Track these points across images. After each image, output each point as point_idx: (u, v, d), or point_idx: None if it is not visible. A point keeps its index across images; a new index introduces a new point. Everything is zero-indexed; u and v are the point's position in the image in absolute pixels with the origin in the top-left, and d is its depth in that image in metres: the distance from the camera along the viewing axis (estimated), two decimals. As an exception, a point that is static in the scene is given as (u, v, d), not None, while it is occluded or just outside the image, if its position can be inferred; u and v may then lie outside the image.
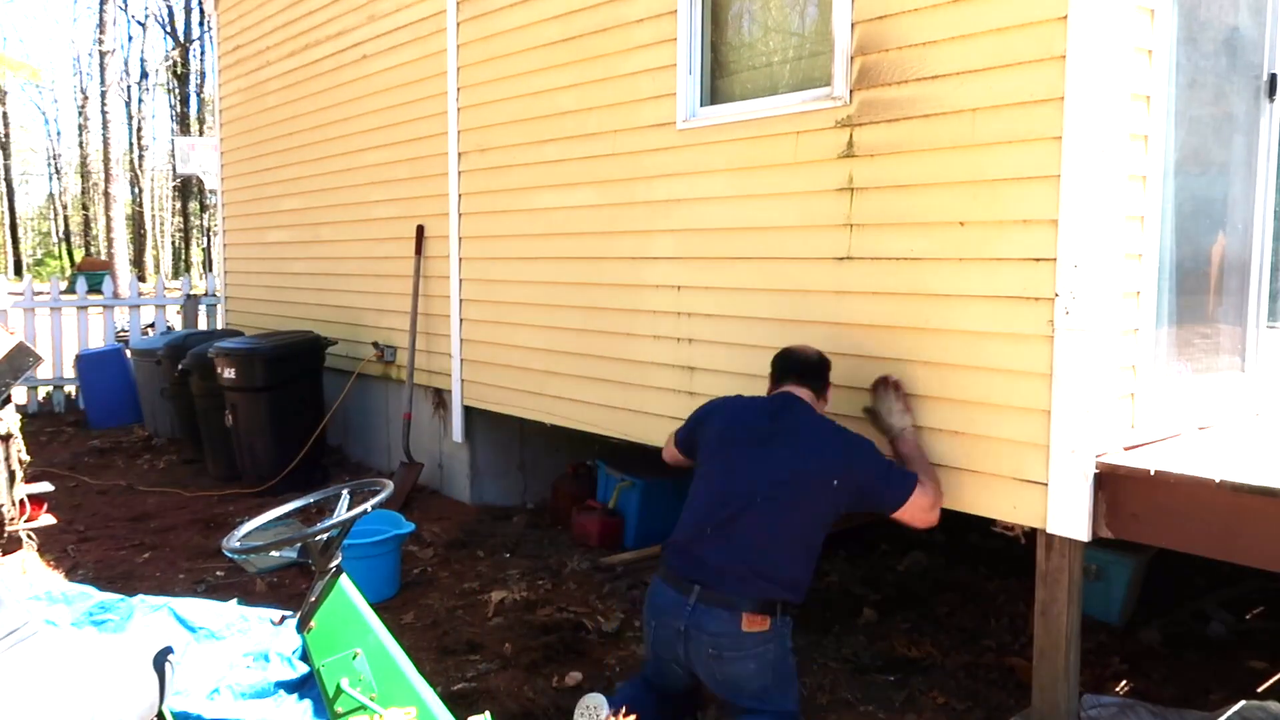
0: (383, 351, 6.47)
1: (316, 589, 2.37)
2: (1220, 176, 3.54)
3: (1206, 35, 3.38)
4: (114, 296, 10.07)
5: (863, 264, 3.54)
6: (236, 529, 2.43)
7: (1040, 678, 3.12)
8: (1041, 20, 2.96)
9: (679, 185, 4.24)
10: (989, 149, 3.13)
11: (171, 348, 7.17)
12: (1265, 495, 2.61)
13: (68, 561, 5.07)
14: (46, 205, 49.45)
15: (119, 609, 3.47)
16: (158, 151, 40.62)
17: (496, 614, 4.35)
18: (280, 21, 7.59)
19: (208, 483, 6.72)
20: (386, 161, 6.34)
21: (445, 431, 6.06)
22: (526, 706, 3.45)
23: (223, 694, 3.05)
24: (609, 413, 4.67)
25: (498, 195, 5.35)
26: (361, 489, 2.59)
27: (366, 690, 2.34)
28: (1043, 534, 3.08)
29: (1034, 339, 3.03)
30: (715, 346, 4.11)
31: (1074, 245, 2.91)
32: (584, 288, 4.79)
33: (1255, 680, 3.65)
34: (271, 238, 8.06)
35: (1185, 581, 4.39)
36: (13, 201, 40.95)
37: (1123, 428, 3.06)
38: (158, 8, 36.58)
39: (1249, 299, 3.64)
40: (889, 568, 4.85)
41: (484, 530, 5.49)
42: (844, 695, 3.57)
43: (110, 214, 19.80)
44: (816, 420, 3.14)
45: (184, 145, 18.80)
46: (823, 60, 3.68)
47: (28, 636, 2.43)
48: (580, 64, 4.72)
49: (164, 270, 38.28)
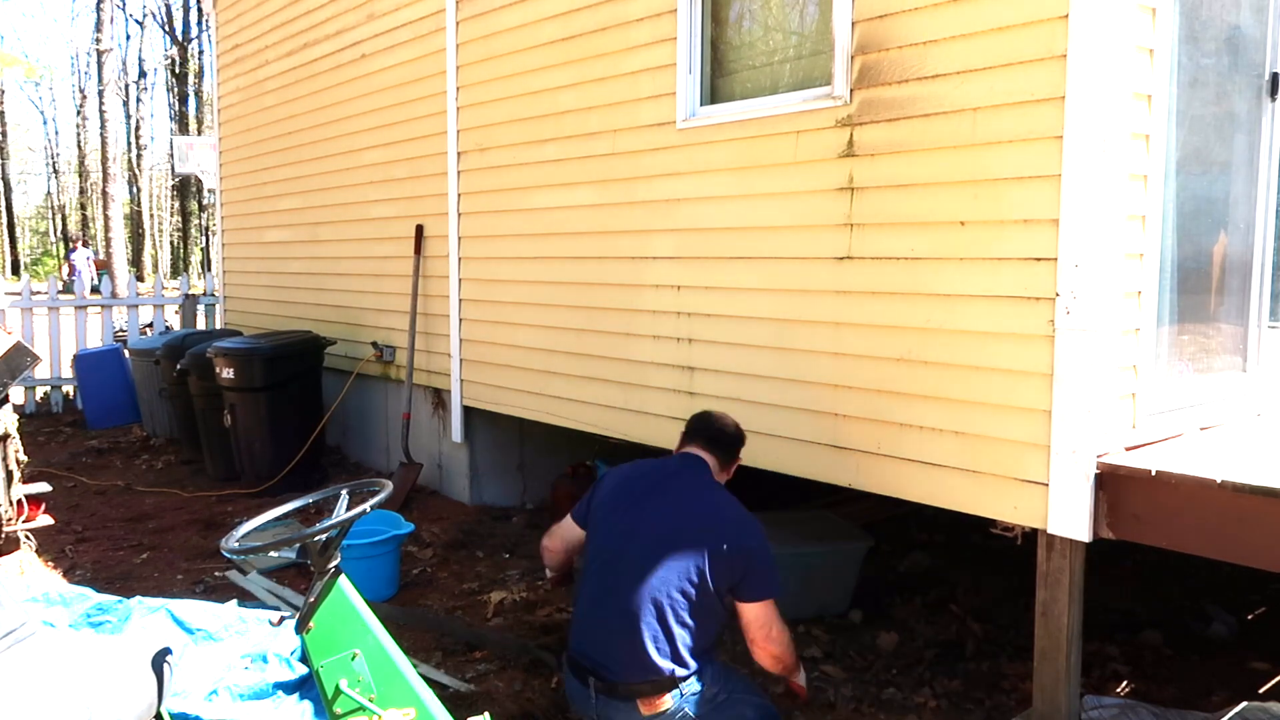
0: (382, 351, 6.46)
1: (315, 590, 2.37)
2: (1222, 176, 3.53)
3: (1208, 34, 3.38)
4: (112, 296, 10.05)
5: (863, 264, 3.53)
6: (235, 529, 2.42)
7: (1041, 678, 3.11)
8: (1042, 19, 2.95)
9: (679, 185, 4.23)
10: (990, 148, 3.13)
11: (170, 347, 7.16)
12: (1267, 496, 2.60)
13: (65, 562, 5.06)
14: (44, 205, 49.44)
15: (117, 610, 3.45)
16: (156, 151, 40.67)
17: (496, 614, 4.34)
18: (279, 20, 7.58)
19: (206, 483, 6.71)
20: (386, 161, 6.33)
21: (444, 431, 6.05)
22: (526, 707, 3.45)
23: (221, 695, 3.04)
24: (609, 413, 4.66)
25: (497, 195, 5.34)
26: (360, 489, 2.58)
27: (365, 691, 2.34)
28: (1043, 535, 3.07)
29: (1035, 339, 3.02)
30: (715, 346, 4.10)
31: (1075, 245, 2.91)
32: (583, 287, 4.78)
33: (1257, 681, 3.64)
34: (270, 237, 8.05)
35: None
36: (10, 201, 40.90)
37: (1124, 428, 3.05)
38: (156, 6, 36.56)
39: (1250, 299, 3.63)
40: (889, 568, 4.84)
41: (483, 530, 5.48)
42: (844, 696, 3.56)
43: (108, 213, 19.81)
44: (711, 483, 2.90)
45: (182, 144, 18.82)
46: (823, 59, 3.68)
47: (25, 638, 2.42)
48: (580, 63, 4.71)
49: (162, 270, 38.27)
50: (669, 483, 2.88)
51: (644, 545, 2.72)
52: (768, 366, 3.88)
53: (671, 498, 2.83)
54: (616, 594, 2.70)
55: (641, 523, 2.78)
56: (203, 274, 23.46)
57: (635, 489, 2.89)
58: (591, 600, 2.79)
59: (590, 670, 2.71)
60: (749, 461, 3.94)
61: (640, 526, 2.77)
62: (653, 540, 2.72)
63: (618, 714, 2.69)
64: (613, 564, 2.76)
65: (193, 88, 34.55)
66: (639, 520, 2.79)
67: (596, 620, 2.75)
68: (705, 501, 2.83)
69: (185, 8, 34.31)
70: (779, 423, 3.83)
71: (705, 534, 2.71)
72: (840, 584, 4.29)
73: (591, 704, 2.73)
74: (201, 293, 10.61)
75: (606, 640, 2.70)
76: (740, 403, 3.97)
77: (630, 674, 2.65)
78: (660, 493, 2.85)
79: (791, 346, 3.79)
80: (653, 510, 2.80)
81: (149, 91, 38.37)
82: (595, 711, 2.73)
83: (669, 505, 2.80)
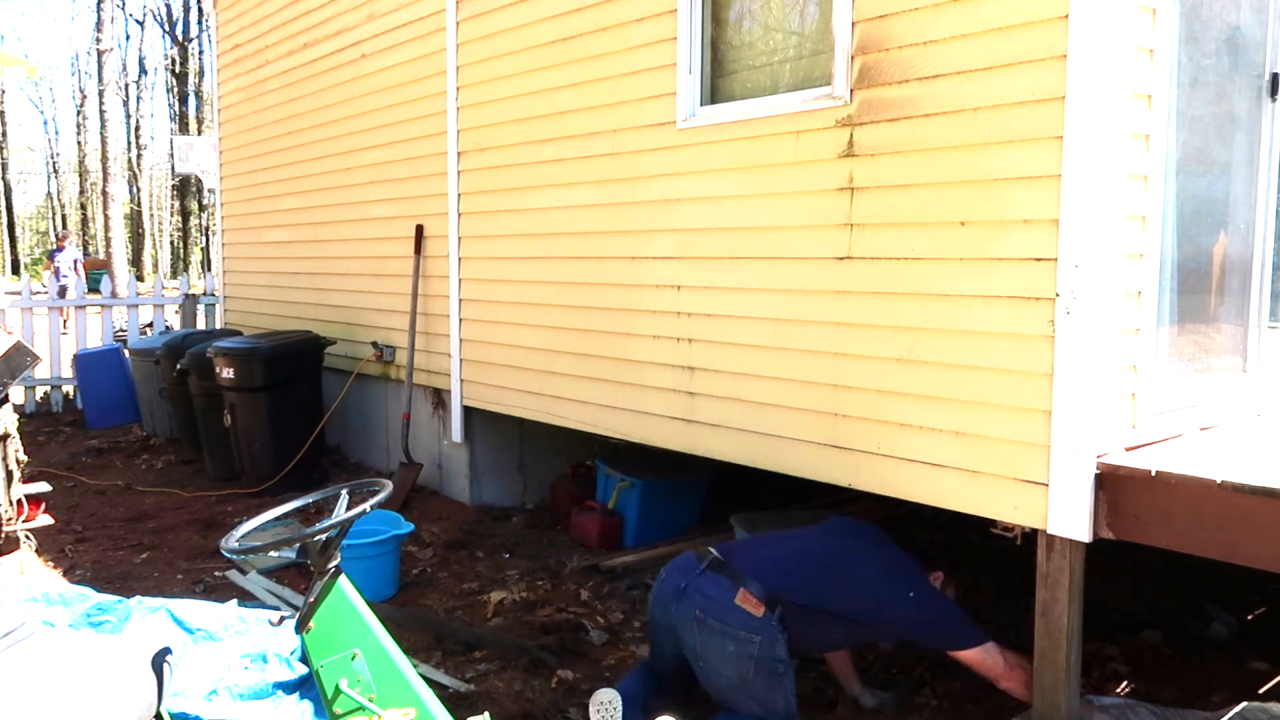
0: (382, 351, 6.46)
1: (315, 590, 2.37)
2: (1222, 176, 3.53)
3: (1208, 34, 3.38)
4: (112, 296, 10.05)
5: (863, 264, 3.53)
6: (235, 529, 2.42)
7: (1041, 678, 3.12)
8: (1043, 19, 2.95)
9: (679, 185, 4.23)
10: (990, 148, 3.13)
11: (170, 347, 7.15)
12: (1266, 496, 2.60)
13: (65, 562, 5.06)
14: (44, 204, 49.42)
15: (117, 610, 3.46)
16: (156, 150, 40.68)
17: (496, 614, 4.34)
18: (279, 20, 7.58)
19: (206, 483, 6.71)
20: (386, 161, 6.33)
21: (444, 431, 6.05)
22: (526, 707, 3.44)
23: (221, 695, 3.04)
24: (609, 413, 4.66)
25: (497, 195, 5.34)
26: (360, 489, 2.58)
27: (365, 691, 2.34)
28: (1043, 535, 3.07)
29: (1035, 339, 3.02)
30: (715, 346, 4.10)
31: (1075, 245, 2.91)
32: (584, 287, 4.78)
33: (1257, 681, 3.64)
34: (270, 237, 8.05)
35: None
36: (10, 201, 40.92)
37: (1124, 428, 3.05)
38: (156, 6, 36.56)
39: (1250, 299, 3.63)
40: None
41: (483, 530, 5.48)
42: (844, 696, 3.56)
43: (108, 213, 19.82)
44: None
45: (182, 144, 18.81)
46: (823, 59, 3.68)
47: (25, 637, 2.42)
48: (580, 63, 4.71)
49: (162, 269, 38.28)
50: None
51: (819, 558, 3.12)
52: (768, 366, 3.88)
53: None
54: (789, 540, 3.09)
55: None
56: (203, 274, 23.46)
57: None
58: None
59: (721, 552, 2.98)
60: (749, 462, 3.95)
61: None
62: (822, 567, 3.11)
63: (712, 586, 2.88)
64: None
65: (193, 88, 34.57)
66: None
67: (755, 543, 3.13)
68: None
69: (185, 8, 34.36)
70: (779, 423, 3.83)
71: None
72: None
73: (694, 572, 2.92)
74: (201, 293, 10.61)
75: (757, 548, 3.05)
76: (740, 403, 3.97)
77: (757, 572, 2.92)
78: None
79: (791, 346, 3.79)
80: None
81: (149, 91, 38.44)
82: (690, 580, 2.92)
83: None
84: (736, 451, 4.01)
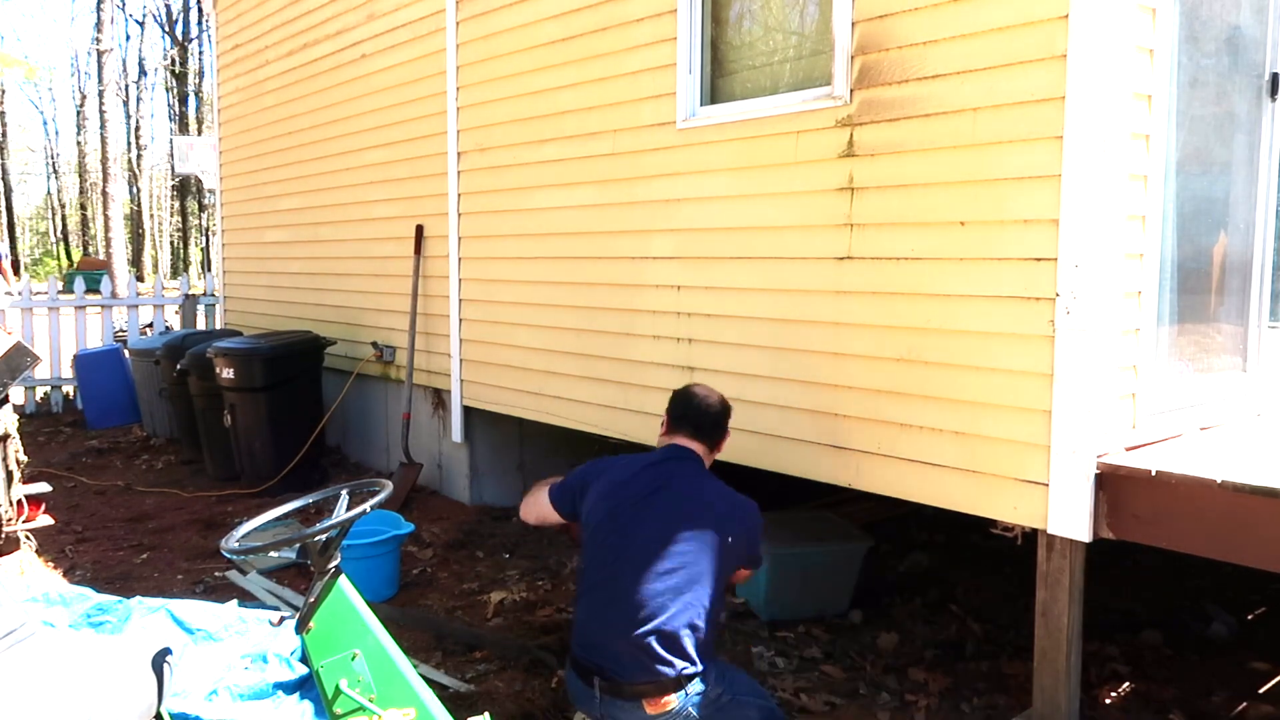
0: (382, 351, 6.46)
1: (315, 590, 2.36)
2: (1222, 176, 3.53)
3: (1208, 34, 3.38)
4: (112, 296, 10.05)
5: (863, 264, 3.53)
6: (235, 530, 2.42)
7: (1041, 678, 3.12)
8: (1043, 19, 2.95)
9: (679, 185, 4.23)
10: (990, 148, 3.13)
11: (170, 348, 7.16)
12: (1266, 496, 2.60)
13: (65, 562, 5.06)
14: (44, 205, 49.44)
15: (116, 610, 3.45)
16: (156, 151, 40.67)
17: (496, 614, 4.34)
18: (279, 20, 7.58)
19: (206, 483, 6.71)
20: (386, 161, 6.33)
21: (444, 432, 6.05)
22: (526, 707, 3.45)
23: (221, 695, 3.03)
24: (609, 413, 4.66)
25: (497, 195, 5.34)
26: (360, 489, 2.58)
27: (365, 691, 2.34)
28: (1043, 535, 3.07)
29: (1035, 339, 3.02)
30: (715, 346, 4.10)
31: (1075, 245, 2.91)
32: (584, 287, 4.78)
33: (1257, 681, 3.64)
34: (270, 237, 8.05)
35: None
36: (10, 201, 40.88)
37: (1124, 428, 3.05)
38: (155, 7, 36.58)
39: (1250, 299, 3.63)
40: (889, 568, 4.84)
41: (483, 531, 5.48)
42: (844, 697, 3.56)
43: (108, 213, 19.79)
44: (703, 475, 2.96)
45: (182, 144, 18.79)
46: (823, 60, 3.68)
47: (25, 638, 2.42)
48: (580, 63, 4.71)
49: (162, 270, 38.29)
50: (664, 481, 2.89)
51: (646, 545, 2.73)
52: (768, 366, 3.88)
53: (669, 496, 2.84)
54: (620, 595, 2.71)
55: (642, 524, 2.78)
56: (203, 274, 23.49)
57: (632, 489, 2.89)
58: (595, 601, 2.79)
59: (595, 670, 2.71)
60: (749, 461, 3.95)
61: (641, 528, 2.78)
62: (656, 541, 2.73)
63: (623, 714, 2.69)
64: (615, 564, 2.76)
65: (193, 88, 34.58)
66: (639, 522, 2.79)
67: (601, 621, 2.75)
68: (702, 499, 2.85)
69: (185, 8, 34.35)
70: (779, 423, 3.83)
71: (707, 532, 2.74)
72: (840, 584, 4.28)
73: (596, 704, 2.73)
74: (201, 293, 10.60)
75: (611, 640, 2.70)
76: (740, 403, 3.96)
77: (635, 674, 2.65)
78: (657, 492, 2.85)
79: (791, 346, 3.79)
80: (651, 511, 2.81)
81: (149, 92, 38.45)
82: (600, 711, 2.73)
83: (668, 505, 2.81)
84: (736, 451, 4.01)
